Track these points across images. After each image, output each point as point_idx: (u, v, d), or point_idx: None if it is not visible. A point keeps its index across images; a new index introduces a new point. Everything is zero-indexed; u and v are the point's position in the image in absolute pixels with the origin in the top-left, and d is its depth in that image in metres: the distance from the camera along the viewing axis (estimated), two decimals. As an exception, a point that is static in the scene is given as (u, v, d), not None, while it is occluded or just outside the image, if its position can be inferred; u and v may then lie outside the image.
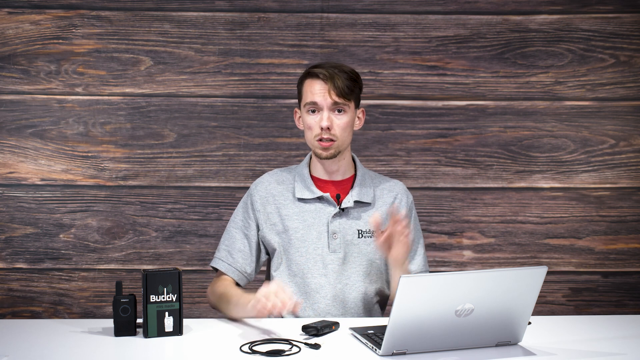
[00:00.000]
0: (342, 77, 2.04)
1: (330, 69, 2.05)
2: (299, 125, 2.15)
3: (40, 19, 2.77)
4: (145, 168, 2.81)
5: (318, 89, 2.05)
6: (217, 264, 2.14)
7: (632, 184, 2.86)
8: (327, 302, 2.08)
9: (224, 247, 2.14)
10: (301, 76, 2.12)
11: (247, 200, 2.16)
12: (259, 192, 2.15)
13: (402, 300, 1.62)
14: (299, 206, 2.11)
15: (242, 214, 2.15)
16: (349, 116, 2.07)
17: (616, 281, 2.88)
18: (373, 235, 2.10)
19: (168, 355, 1.74)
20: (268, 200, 2.13)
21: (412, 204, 2.20)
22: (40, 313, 2.81)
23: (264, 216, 2.12)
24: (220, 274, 2.14)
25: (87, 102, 2.80)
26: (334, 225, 2.08)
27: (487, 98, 2.84)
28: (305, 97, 2.08)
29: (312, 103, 2.06)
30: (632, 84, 2.84)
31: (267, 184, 2.16)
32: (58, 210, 2.80)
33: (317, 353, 1.72)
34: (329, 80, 2.04)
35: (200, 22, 2.80)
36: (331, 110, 2.05)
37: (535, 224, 2.86)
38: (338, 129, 2.06)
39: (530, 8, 2.83)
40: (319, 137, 2.06)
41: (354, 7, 2.82)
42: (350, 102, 2.07)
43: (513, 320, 1.74)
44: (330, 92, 2.03)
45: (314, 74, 2.07)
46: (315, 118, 2.07)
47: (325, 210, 2.10)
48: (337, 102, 2.05)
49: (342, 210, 2.10)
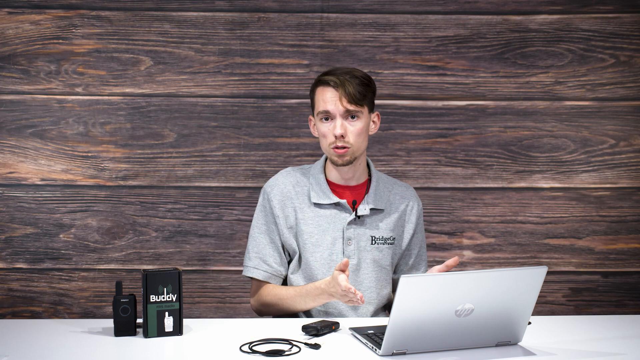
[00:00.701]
0: (353, 83, 2.02)
1: (341, 76, 2.03)
2: (314, 133, 2.13)
3: (40, 19, 2.77)
4: (145, 168, 2.81)
5: (329, 97, 2.03)
6: (253, 273, 2.12)
7: (632, 184, 2.86)
8: (341, 307, 2.09)
9: (254, 255, 2.12)
10: (313, 84, 2.10)
11: (266, 204, 2.14)
12: (276, 195, 2.13)
13: (402, 300, 1.62)
14: (314, 211, 2.11)
15: (264, 218, 2.14)
16: (362, 122, 2.05)
17: (616, 281, 2.88)
18: (386, 242, 2.11)
19: (168, 355, 1.74)
20: (285, 203, 2.12)
21: (421, 211, 2.21)
22: (40, 313, 2.81)
23: (283, 220, 2.11)
24: (259, 281, 2.13)
25: (87, 102, 2.80)
26: (349, 232, 2.09)
27: (487, 98, 2.84)
28: (318, 106, 2.06)
29: (325, 112, 2.04)
30: (632, 84, 2.84)
31: (282, 186, 2.14)
32: (58, 210, 2.80)
33: (317, 353, 1.72)
34: (339, 88, 2.02)
35: (200, 22, 2.80)
36: (344, 117, 2.03)
37: (535, 224, 2.86)
38: (352, 135, 2.04)
39: (530, 8, 2.83)
40: (334, 145, 2.04)
41: (354, 7, 2.81)
42: (363, 107, 2.05)
43: (513, 320, 1.74)
44: (341, 99, 2.02)
45: (325, 81, 2.05)
46: (329, 126, 2.05)
47: (340, 217, 2.10)
48: (349, 110, 2.03)
49: (357, 218, 2.10)
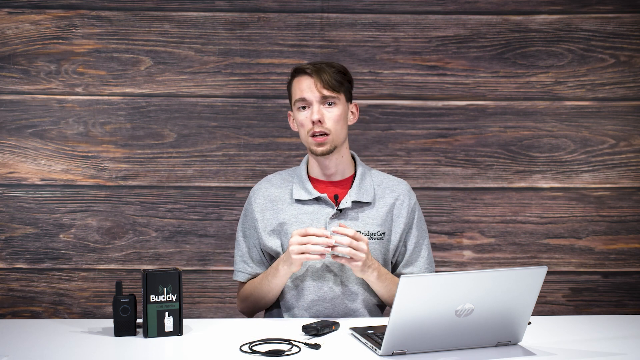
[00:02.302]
0: (329, 70, 2.05)
1: (317, 64, 2.07)
2: (294, 127, 2.15)
3: (40, 19, 2.78)
4: (145, 168, 2.81)
5: (306, 85, 2.05)
6: (238, 277, 2.17)
7: (632, 184, 2.86)
8: (326, 304, 2.08)
9: (239, 259, 2.17)
10: (290, 77, 2.13)
11: (247, 208, 2.17)
12: (257, 199, 2.14)
13: (402, 300, 1.62)
14: (296, 208, 2.10)
15: (243, 223, 2.17)
16: (340, 109, 2.06)
17: (616, 281, 2.88)
18: (372, 237, 2.09)
19: (168, 355, 1.74)
20: (266, 207, 2.13)
21: (415, 205, 2.16)
22: (40, 313, 2.81)
23: (262, 224, 2.12)
24: (242, 283, 2.19)
25: (87, 102, 2.80)
26: (332, 226, 2.05)
27: (487, 98, 2.84)
28: (295, 95, 2.08)
29: (302, 99, 2.06)
30: (632, 84, 2.84)
31: (264, 190, 2.15)
32: (58, 210, 2.80)
33: (317, 353, 1.72)
34: (315, 74, 2.04)
35: (200, 22, 2.80)
36: (321, 104, 2.05)
37: (535, 224, 2.86)
38: (330, 122, 2.04)
39: (530, 8, 2.83)
40: (312, 133, 2.05)
41: (354, 7, 2.82)
42: (340, 94, 2.06)
43: (513, 320, 1.74)
44: (317, 85, 2.03)
45: (300, 70, 2.08)
46: (306, 114, 2.06)
47: (322, 212, 2.09)
48: (326, 96, 2.04)
49: (339, 212, 2.09)
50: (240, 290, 2.19)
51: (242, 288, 2.18)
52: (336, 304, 2.06)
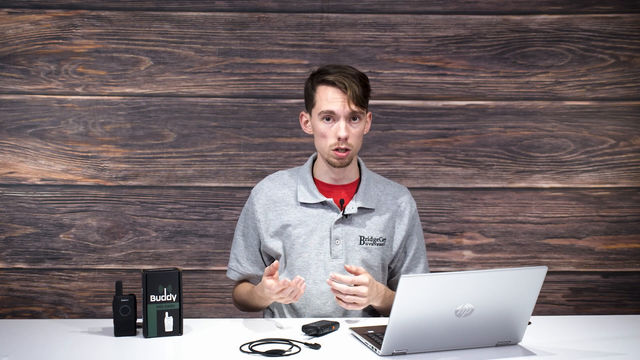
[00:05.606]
0: (358, 84, 2.00)
1: (346, 77, 2.00)
2: (307, 130, 2.11)
3: (40, 19, 2.78)
4: (145, 168, 2.81)
5: (334, 97, 2.00)
6: (230, 274, 2.20)
7: (632, 184, 2.86)
8: (328, 308, 2.08)
9: (233, 256, 2.19)
10: (311, 81, 2.06)
11: (249, 207, 2.15)
12: (260, 199, 2.13)
13: (402, 300, 1.62)
14: (301, 210, 2.09)
15: (244, 222, 2.16)
16: (363, 123, 2.05)
17: (616, 281, 2.88)
18: (375, 242, 2.09)
19: (168, 355, 1.74)
20: (269, 207, 2.12)
21: (415, 213, 2.17)
22: (40, 313, 2.81)
23: (264, 225, 2.11)
24: (236, 281, 2.22)
25: (87, 102, 2.80)
26: (336, 231, 2.07)
27: (487, 98, 2.84)
28: (320, 105, 2.02)
29: (329, 112, 2.01)
30: (632, 84, 2.84)
31: (267, 190, 2.14)
32: (58, 210, 2.80)
33: (317, 353, 1.72)
34: (347, 90, 1.99)
35: (200, 22, 2.80)
36: (347, 119, 2.02)
37: (535, 224, 2.86)
38: (353, 137, 2.02)
39: (530, 8, 2.83)
40: (336, 147, 2.02)
41: (354, 7, 2.82)
42: (365, 109, 2.05)
43: (513, 320, 1.74)
44: (349, 101, 1.99)
45: (329, 81, 2.01)
46: (331, 127, 2.02)
47: (328, 216, 2.08)
48: (355, 112, 2.01)
49: (345, 217, 2.09)
50: (234, 288, 2.22)
51: (235, 286, 2.21)
52: (336, 303, 2.06)
